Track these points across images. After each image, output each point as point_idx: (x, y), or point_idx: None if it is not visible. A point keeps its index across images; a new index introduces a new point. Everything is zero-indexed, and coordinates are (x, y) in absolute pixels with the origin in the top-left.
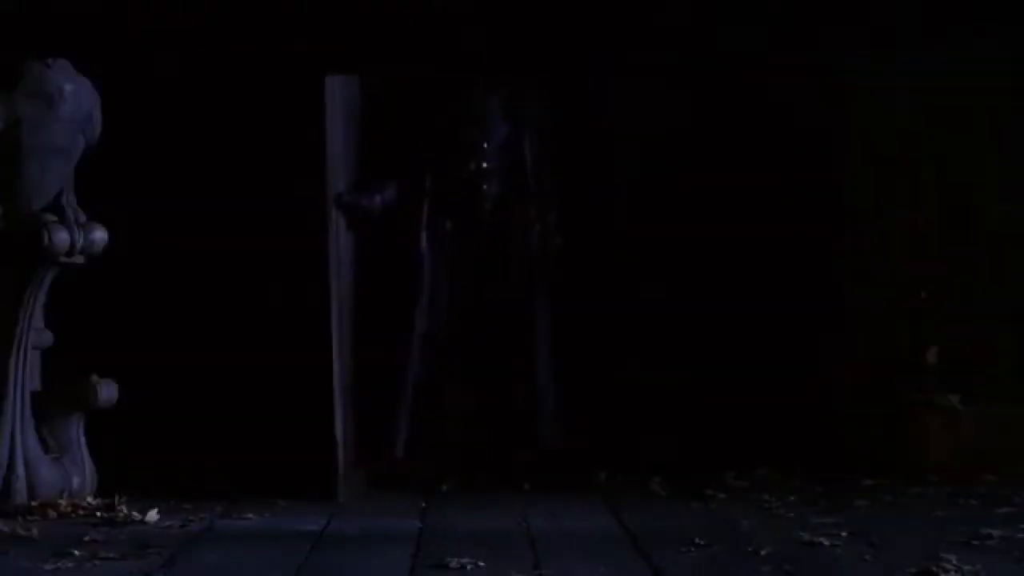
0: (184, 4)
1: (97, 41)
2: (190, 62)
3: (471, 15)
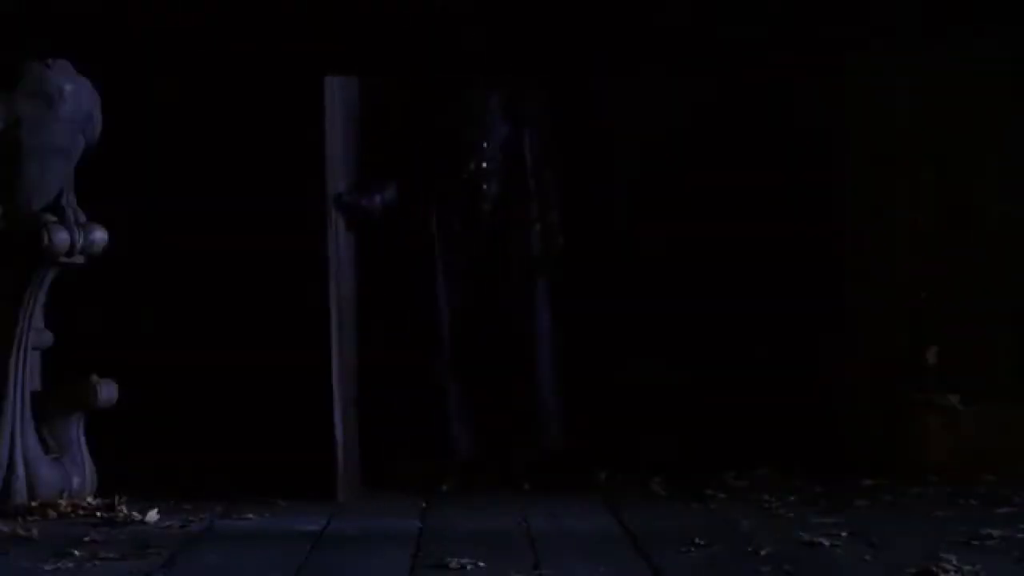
0: (184, 4)
1: (97, 41)
2: (190, 62)
3: (471, 15)
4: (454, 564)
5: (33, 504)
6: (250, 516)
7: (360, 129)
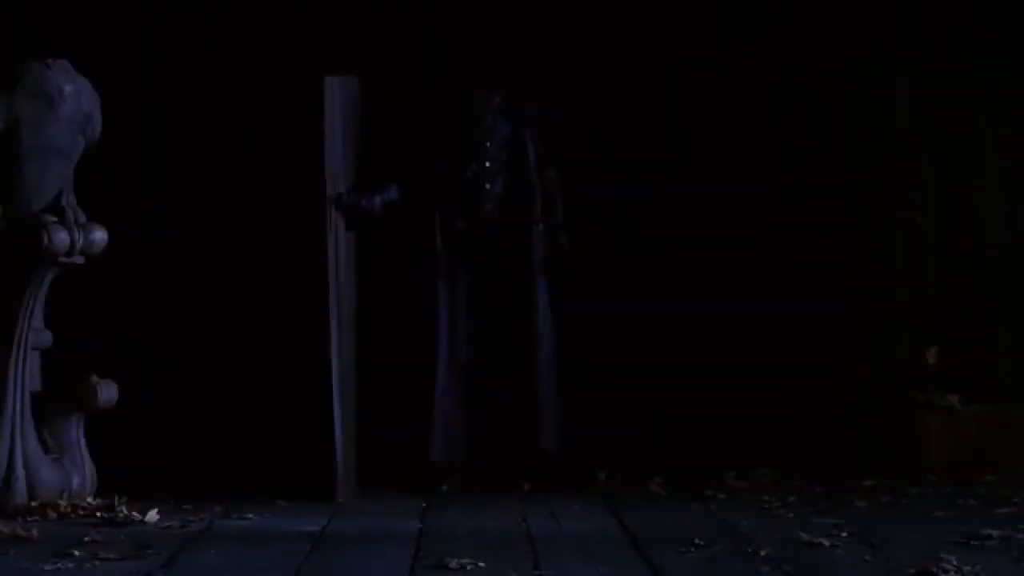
0: (184, 4)
1: (97, 41)
2: (190, 62)
3: (471, 15)
4: (454, 564)
5: (33, 504)
6: (250, 516)
7: (360, 129)
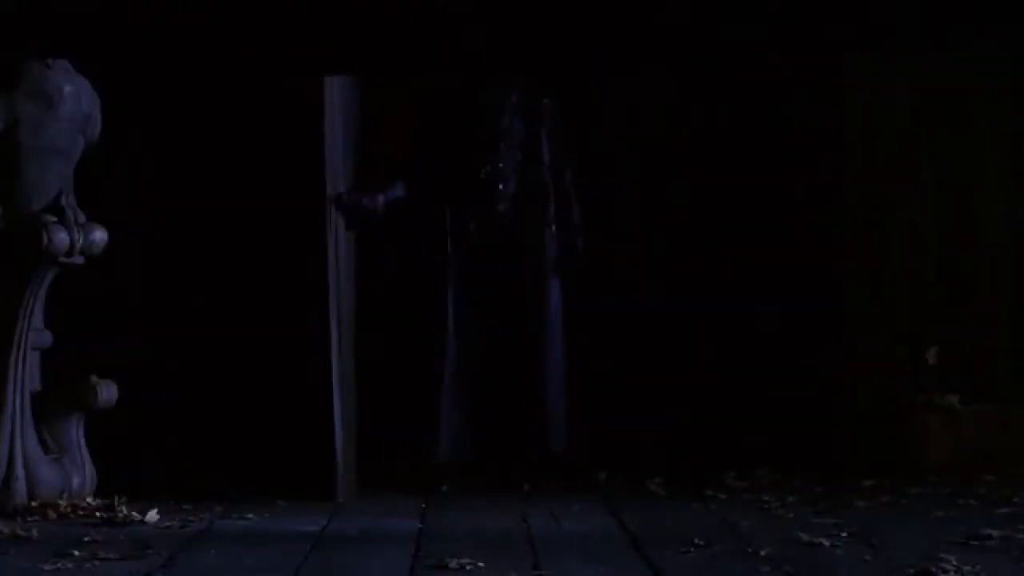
0: (184, 4)
1: (97, 41)
2: (190, 62)
3: (471, 15)
4: (454, 564)
5: (33, 504)
6: (250, 516)
7: (362, 128)
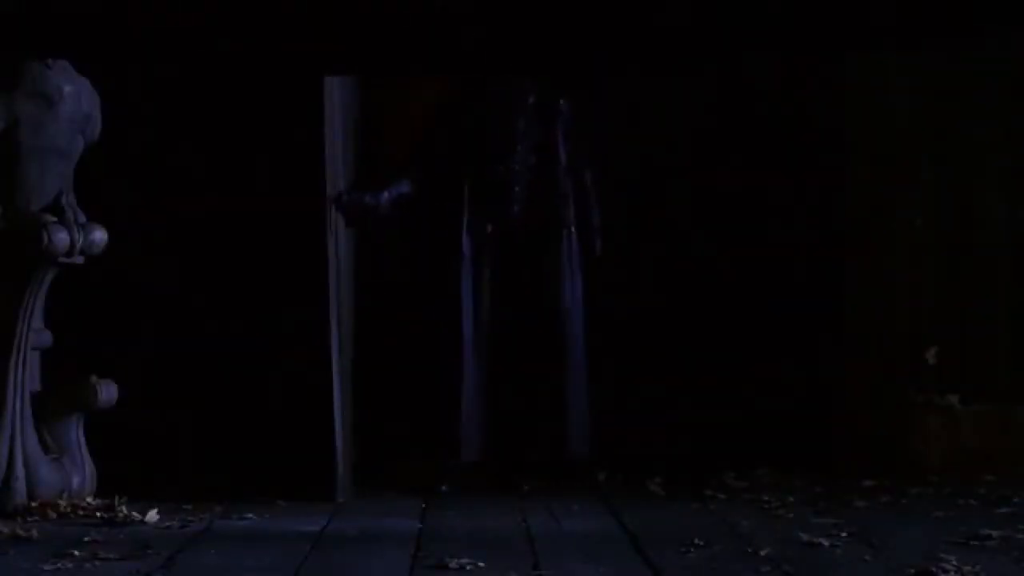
0: (184, 4)
1: (97, 41)
2: (190, 62)
3: (471, 15)
4: (454, 564)
5: (33, 504)
6: (250, 516)
7: (361, 129)
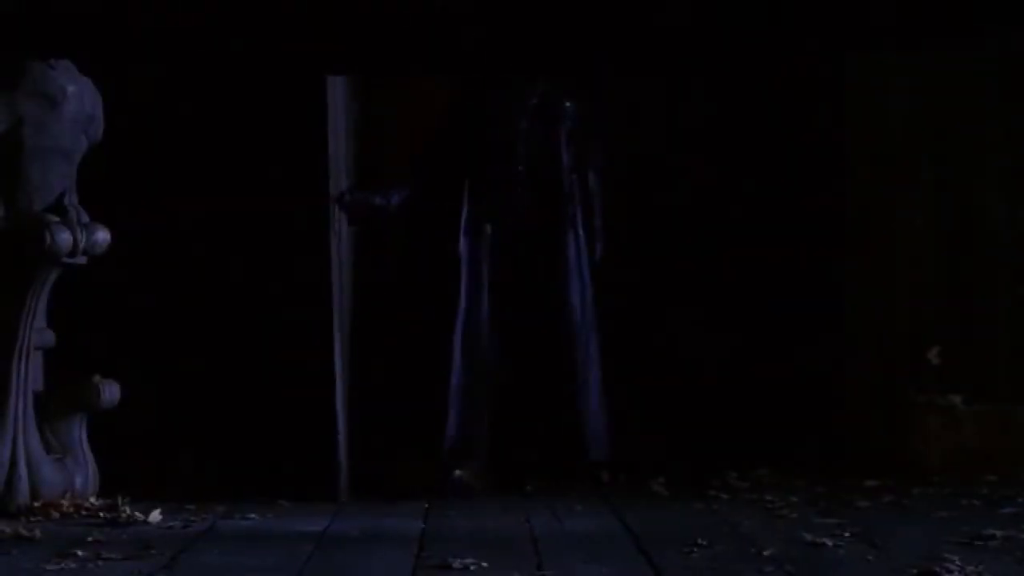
0: (184, 4)
1: (98, 41)
2: (191, 62)
3: (471, 15)
4: (457, 564)
5: (36, 504)
6: (252, 516)
7: (362, 129)
